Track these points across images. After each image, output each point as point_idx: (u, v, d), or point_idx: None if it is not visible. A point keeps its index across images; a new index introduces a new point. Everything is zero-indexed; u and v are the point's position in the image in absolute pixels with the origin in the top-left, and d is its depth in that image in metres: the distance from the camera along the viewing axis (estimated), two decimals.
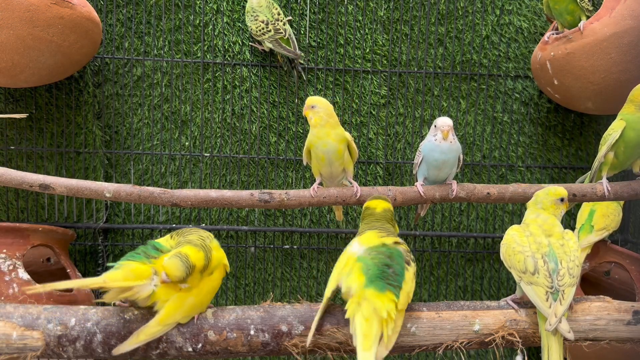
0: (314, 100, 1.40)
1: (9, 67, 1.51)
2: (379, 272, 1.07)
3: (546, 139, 1.98)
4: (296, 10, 1.90)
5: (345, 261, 1.14)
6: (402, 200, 1.45)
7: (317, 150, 1.42)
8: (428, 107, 1.95)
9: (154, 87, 1.88)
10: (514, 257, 1.18)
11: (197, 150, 1.91)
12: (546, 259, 1.15)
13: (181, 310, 1.07)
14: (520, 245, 1.19)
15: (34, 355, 1.06)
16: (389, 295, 1.04)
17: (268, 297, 1.94)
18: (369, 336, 0.98)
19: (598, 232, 1.64)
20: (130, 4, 1.86)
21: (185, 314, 1.08)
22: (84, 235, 1.91)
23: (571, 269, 1.13)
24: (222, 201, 1.41)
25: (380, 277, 1.06)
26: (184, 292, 1.07)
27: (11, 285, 1.47)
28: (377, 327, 0.99)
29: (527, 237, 1.20)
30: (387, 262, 1.10)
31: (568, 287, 1.11)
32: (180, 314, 1.07)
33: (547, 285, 1.11)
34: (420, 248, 1.98)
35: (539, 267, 1.13)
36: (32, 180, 1.36)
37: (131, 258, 1.07)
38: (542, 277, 1.12)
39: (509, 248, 1.21)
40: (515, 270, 1.17)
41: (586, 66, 1.61)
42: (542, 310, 1.09)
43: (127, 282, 1.00)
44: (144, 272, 1.04)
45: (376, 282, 1.05)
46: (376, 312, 1.01)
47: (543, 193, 1.28)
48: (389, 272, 1.07)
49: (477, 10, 1.93)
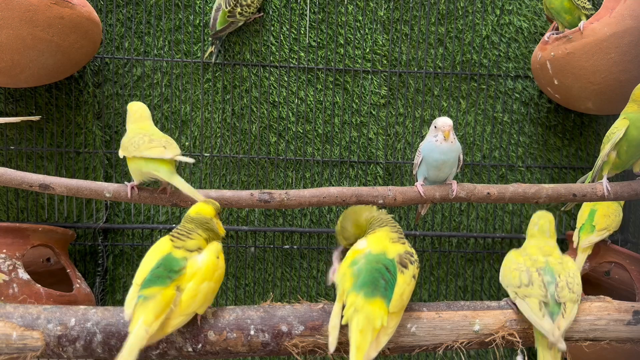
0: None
1: (9, 67, 1.51)
2: (370, 277, 1.08)
3: (546, 139, 1.98)
4: (296, 10, 1.90)
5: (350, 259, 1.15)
6: (402, 200, 1.45)
7: None
8: (428, 107, 1.95)
9: (154, 87, 1.88)
10: (510, 274, 1.20)
11: (197, 150, 1.91)
12: (541, 272, 1.16)
13: (198, 297, 1.06)
14: (516, 263, 1.21)
15: (34, 355, 1.06)
16: (378, 301, 1.04)
17: (268, 297, 1.94)
18: (362, 348, 1.00)
19: (599, 232, 1.64)
20: (130, 4, 1.86)
21: (202, 302, 1.08)
22: (84, 235, 1.91)
23: (570, 284, 1.13)
24: (222, 201, 1.41)
25: (370, 282, 1.07)
26: (198, 278, 1.07)
27: (11, 285, 1.47)
28: (371, 337, 1.01)
29: (524, 256, 1.22)
30: (379, 267, 1.10)
31: (570, 302, 1.11)
32: (198, 302, 1.07)
33: (541, 295, 1.11)
34: (420, 248, 1.98)
35: (533, 279, 1.14)
36: (32, 180, 1.36)
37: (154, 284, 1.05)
38: (536, 287, 1.12)
39: (505, 268, 1.23)
40: (512, 287, 1.18)
41: (586, 66, 1.61)
42: (535, 322, 1.09)
43: (160, 318, 1.01)
44: (170, 296, 1.03)
45: (366, 287, 1.06)
46: (370, 321, 1.02)
47: (543, 220, 1.28)
48: (380, 278, 1.08)
49: (477, 10, 1.93)
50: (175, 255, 1.10)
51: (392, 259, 1.12)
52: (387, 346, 1.11)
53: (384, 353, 1.13)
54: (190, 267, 1.08)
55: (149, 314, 0.99)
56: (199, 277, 1.08)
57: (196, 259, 1.10)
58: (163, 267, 1.07)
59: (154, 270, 1.06)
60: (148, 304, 1.01)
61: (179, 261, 1.09)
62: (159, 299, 1.01)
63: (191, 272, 1.08)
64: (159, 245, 1.13)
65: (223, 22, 1.78)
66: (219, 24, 1.78)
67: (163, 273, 1.06)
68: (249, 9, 1.78)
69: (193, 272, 1.08)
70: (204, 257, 1.11)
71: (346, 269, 1.12)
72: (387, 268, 1.10)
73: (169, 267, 1.07)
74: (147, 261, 1.10)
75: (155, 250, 1.12)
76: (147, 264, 1.09)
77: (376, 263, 1.10)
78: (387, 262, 1.11)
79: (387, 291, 1.06)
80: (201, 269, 1.09)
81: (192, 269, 1.08)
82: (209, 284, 1.09)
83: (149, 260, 1.10)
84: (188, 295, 1.05)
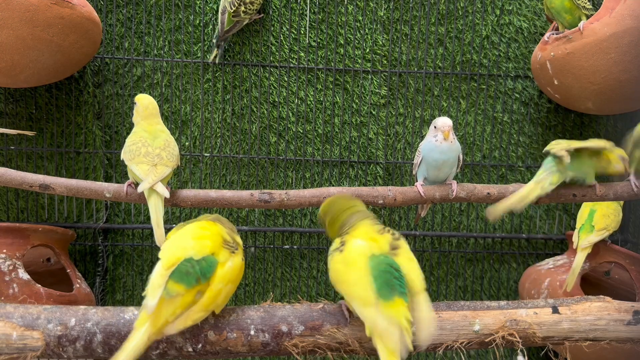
0: None
1: (9, 67, 1.51)
2: (384, 279, 1.04)
3: (546, 139, 1.98)
4: (296, 10, 1.90)
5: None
6: (402, 200, 1.45)
7: None
8: (428, 107, 1.95)
9: (154, 87, 1.88)
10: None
11: (197, 150, 1.91)
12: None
13: (221, 297, 1.06)
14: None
15: (34, 355, 1.06)
16: (398, 301, 1.01)
17: (268, 297, 1.94)
18: (394, 353, 0.97)
19: (599, 232, 1.64)
20: (130, 4, 1.86)
21: (223, 302, 1.08)
22: (84, 235, 1.91)
23: None
24: (222, 201, 1.41)
25: (386, 284, 1.03)
26: (226, 279, 1.06)
27: (11, 285, 1.47)
28: (398, 338, 0.98)
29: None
30: (388, 268, 1.07)
31: None
32: (220, 301, 1.07)
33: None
34: (420, 248, 1.98)
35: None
36: (32, 180, 1.36)
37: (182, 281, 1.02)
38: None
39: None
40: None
41: (586, 66, 1.61)
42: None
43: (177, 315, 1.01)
44: (191, 300, 1.02)
45: (383, 290, 1.02)
46: (393, 323, 0.99)
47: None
48: (392, 277, 1.04)
49: (477, 10, 1.93)
50: (218, 258, 1.07)
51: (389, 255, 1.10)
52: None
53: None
54: (220, 268, 1.07)
55: (170, 312, 1.00)
56: (227, 278, 1.07)
57: (230, 261, 1.09)
58: (199, 266, 1.03)
59: (188, 262, 1.03)
60: (173, 301, 1.00)
61: (215, 266, 1.06)
62: (181, 301, 1.01)
63: (221, 272, 1.06)
64: (210, 229, 1.12)
65: (229, 22, 1.78)
66: (226, 25, 1.79)
67: (195, 272, 1.02)
68: (252, 7, 1.78)
69: (223, 273, 1.06)
70: (236, 260, 1.11)
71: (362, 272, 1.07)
72: (392, 266, 1.07)
73: (204, 271, 1.04)
74: (186, 236, 1.09)
75: (202, 232, 1.10)
76: (184, 240, 1.08)
77: (386, 265, 1.06)
78: (391, 261, 1.08)
79: (402, 288, 1.03)
80: (229, 272, 1.08)
81: (222, 269, 1.07)
82: (232, 286, 1.09)
83: (189, 235, 1.09)
84: (212, 293, 1.04)
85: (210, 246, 1.08)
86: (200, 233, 1.11)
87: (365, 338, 1.09)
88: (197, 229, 1.12)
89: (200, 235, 1.10)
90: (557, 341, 1.17)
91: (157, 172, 1.34)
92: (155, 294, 0.99)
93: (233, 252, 1.11)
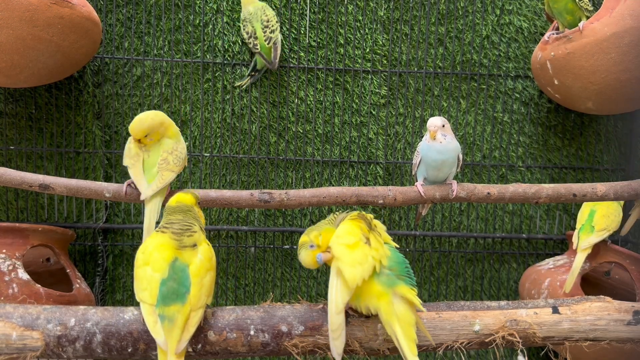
0: None
1: (9, 67, 1.51)
2: (402, 268, 1.10)
3: (546, 139, 1.98)
4: (296, 10, 1.90)
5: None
6: (403, 200, 1.45)
7: None
8: (428, 107, 1.95)
9: (153, 87, 1.88)
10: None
11: (197, 150, 1.91)
12: None
13: (204, 289, 1.07)
14: None
15: (34, 355, 1.06)
16: (411, 291, 1.07)
17: (268, 297, 1.94)
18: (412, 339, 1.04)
19: (599, 232, 1.63)
20: (130, 4, 1.86)
21: (209, 292, 1.08)
22: (84, 235, 1.91)
23: None
24: (222, 201, 1.41)
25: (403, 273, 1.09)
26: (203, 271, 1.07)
27: (11, 285, 1.47)
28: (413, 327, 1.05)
29: None
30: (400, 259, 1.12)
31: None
32: (205, 293, 1.07)
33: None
34: (420, 248, 1.98)
35: None
36: (32, 180, 1.36)
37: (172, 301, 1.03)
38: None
39: None
40: None
41: (586, 66, 1.61)
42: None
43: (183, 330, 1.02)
44: (188, 312, 1.03)
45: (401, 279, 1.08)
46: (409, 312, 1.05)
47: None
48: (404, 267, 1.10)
49: (477, 10, 1.93)
50: (183, 260, 1.07)
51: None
52: (387, 346, 1.11)
53: (383, 353, 1.13)
54: (193, 265, 1.07)
55: (176, 335, 1.00)
56: (203, 269, 1.07)
57: (197, 254, 1.09)
58: (175, 281, 1.04)
59: (167, 283, 1.03)
60: (174, 327, 1.00)
61: (187, 269, 1.06)
62: (180, 320, 1.01)
63: (195, 269, 1.06)
64: (159, 247, 1.08)
65: (267, 52, 1.80)
66: (267, 55, 1.80)
67: (178, 289, 1.03)
68: (268, 27, 1.80)
69: (197, 269, 1.07)
70: (203, 249, 1.11)
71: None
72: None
73: (180, 281, 1.04)
74: (152, 268, 1.05)
75: (158, 255, 1.07)
76: (152, 271, 1.05)
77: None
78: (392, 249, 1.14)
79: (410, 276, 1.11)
80: (203, 262, 1.08)
81: (195, 266, 1.07)
82: (211, 273, 1.10)
83: (155, 266, 1.05)
84: (195, 289, 1.04)
85: (172, 253, 1.07)
86: (160, 252, 1.08)
87: (365, 338, 1.10)
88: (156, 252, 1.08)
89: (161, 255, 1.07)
90: (557, 341, 1.17)
91: (163, 178, 1.32)
92: (158, 332, 1.00)
93: (194, 247, 1.10)
